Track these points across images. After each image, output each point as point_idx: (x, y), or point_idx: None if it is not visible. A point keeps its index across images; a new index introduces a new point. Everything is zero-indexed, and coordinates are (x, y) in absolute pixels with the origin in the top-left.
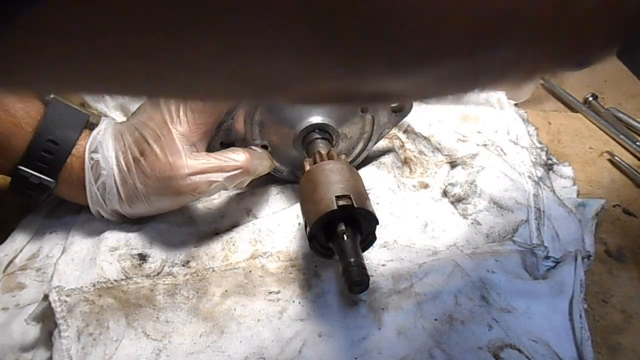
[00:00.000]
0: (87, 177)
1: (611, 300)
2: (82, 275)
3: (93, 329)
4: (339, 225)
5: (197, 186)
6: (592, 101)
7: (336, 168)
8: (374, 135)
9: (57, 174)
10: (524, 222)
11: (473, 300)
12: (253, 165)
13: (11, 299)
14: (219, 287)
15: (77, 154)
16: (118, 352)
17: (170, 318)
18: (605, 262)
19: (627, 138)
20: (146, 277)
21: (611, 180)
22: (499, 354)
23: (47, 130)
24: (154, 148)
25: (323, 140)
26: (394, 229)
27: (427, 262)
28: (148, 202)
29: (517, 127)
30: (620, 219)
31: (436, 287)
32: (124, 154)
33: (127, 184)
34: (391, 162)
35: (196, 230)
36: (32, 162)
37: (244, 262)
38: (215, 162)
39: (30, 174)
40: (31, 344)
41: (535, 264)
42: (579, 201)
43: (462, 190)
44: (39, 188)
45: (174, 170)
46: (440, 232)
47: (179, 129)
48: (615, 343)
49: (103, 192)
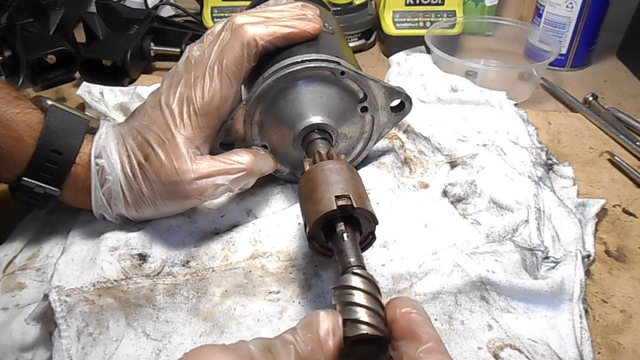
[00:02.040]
0: (93, 183)
1: (611, 300)
2: (82, 275)
3: (93, 329)
4: (338, 225)
5: (203, 190)
6: (592, 101)
7: (336, 168)
8: (373, 135)
9: (62, 183)
10: (524, 222)
11: (473, 300)
12: (257, 166)
13: (11, 299)
14: (219, 287)
15: (81, 162)
16: (118, 352)
17: (170, 318)
18: (605, 262)
19: (627, 138)
20: (146, 277)
21: (611, 180)
22: (499, 354)
23: (49, 141)
24: (159, 153)
25: (323, 140)
26: (394, 229)
27: (427, 262)
28: (154, 207)
29: (517, 127)
30: (620, 219)
31: (436, 287)
32: (128, 158)
33: (133, 189)
34: (391, 162)
35: (196, 230)
36: (36, 173)
37: (244, 262)
38: (220, 165)
39: (35, 185)
40: (31, 344)
41: (535, 264)
42: (579, 201)
43: (462, 190)
44: (43, 197)
45: (180, 175)
46: (440, 232)
47: (183, 133)
48: (615, 343)
49: (109, 197)
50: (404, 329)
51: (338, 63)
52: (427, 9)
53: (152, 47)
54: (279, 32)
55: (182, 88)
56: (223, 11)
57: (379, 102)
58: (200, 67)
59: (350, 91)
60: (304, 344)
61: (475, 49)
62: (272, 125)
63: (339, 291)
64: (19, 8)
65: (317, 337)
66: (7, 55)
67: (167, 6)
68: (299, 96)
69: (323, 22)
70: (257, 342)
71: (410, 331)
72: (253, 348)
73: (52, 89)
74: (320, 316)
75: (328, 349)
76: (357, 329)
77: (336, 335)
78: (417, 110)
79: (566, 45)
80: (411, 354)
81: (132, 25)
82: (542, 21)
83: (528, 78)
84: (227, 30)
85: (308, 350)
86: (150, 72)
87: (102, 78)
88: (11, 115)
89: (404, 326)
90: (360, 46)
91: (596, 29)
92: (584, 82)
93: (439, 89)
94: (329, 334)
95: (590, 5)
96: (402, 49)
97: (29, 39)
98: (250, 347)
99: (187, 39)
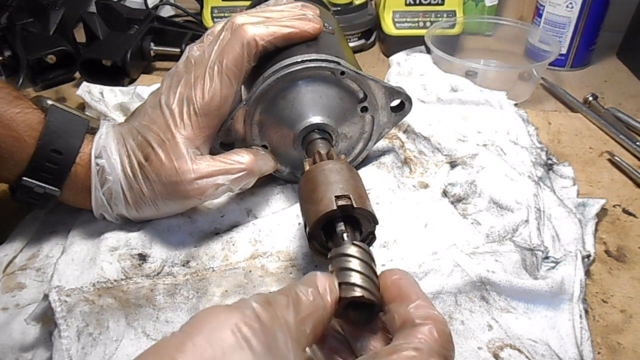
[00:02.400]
0: (94, 183)
1: (611, 300)
2: (82, 275)
3: (93, 329)
4: (338, 225)
5: (203, 190)
6: (592, 101)
7: (336, 168)
8: (373, 135)
9: (62, 183)
10: (524, 222)
11: (473, 300)
12: (258, 166)
13: (11, 299)
14: (219, 287)
15: (81, 162)
16: (118, 352)
17: (170, 318)
18: (605, 262)
19: (627, 138)
20: (146, 277)
21: (611, 180)
22: (499, 354)
23: (49, 141)
24: (159, 153)
25: (323, 140)
26: (394, 229)
27: (427, 262)
28: (155, 207)
29: (517, 127)
30: (620, 219)
31: (436, 287)
32: (128, 158)
33: (134, 189)
34: (391, 162)
35: (196, 230)
36: (36, 173)
37: (244, 262)
38: (221, 165)
39: (35, 184)
40: (31, 344)
41: (535, 264)
42: (579, 201)
43: (462, 190)
44: (43, 197)
45: (180, 175)
46: (440, 232)
47: (183, 133)
48: (615, 343)
49: (109, 197)
50: (395, 292)
51: (338, 63)
52: (427, 9)
53: (152, 47)
54: (279, 32)
55: (182, 88)
56: (223, 11)
57: (379, 102)
58: (201, 67)
59: (350, 91)
60: (304, 296)
61: (475, 49)
62: (272, 125)
63: (335, 259)
64: (19, 8)
65: (316, 291)
66: (7, 55)
67: (167, 6)
68: (299, 96)
69: (323, 22)
70: (258, 297)
71: (400, 293)
72: (255, 304)
73: (52, 89)
74: (318, 275)
75: (327, 303)
76: (352, 291)
77: (333, 292)
78: (417, 110)
79: (566, 45)
80: (402, 312)
81: (132, 25)
82: (542, 21)
83: (528, 78)
84: (227, 31)
85: (309, 300)
86: (150, 72)
87: (102, 78)
88: (11, 115)
89: (394, 291)
90: (360, 46)
91: (596, 29)
92: (584, 82)
93: (439, 89)
94: (327, 290)
95: (590, 5)
96: (402, 49)
97: (29, 39)
98: (252, 303)
99: (187, 39)
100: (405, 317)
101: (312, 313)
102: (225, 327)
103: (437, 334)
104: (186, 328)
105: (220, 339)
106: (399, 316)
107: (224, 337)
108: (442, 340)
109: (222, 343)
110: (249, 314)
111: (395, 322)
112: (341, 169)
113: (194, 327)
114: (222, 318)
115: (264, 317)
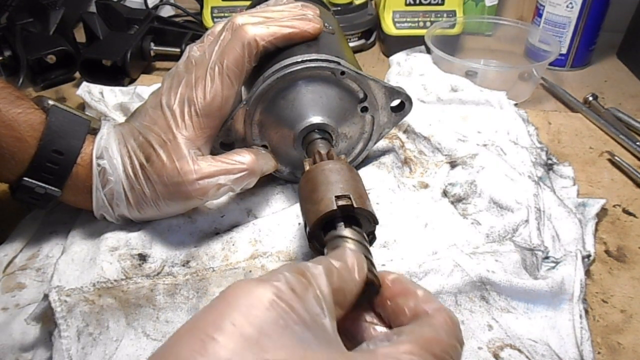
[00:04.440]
0: (95, 184)
1: (611, 300)
2: (82, 275)
3: (93, 329)
4: (338, 225)
5: (205, 190)
6: (592, 101)
7: (336, 168)
8: (373, 135)
9: (63, 183)
10: (524, 222)
11: (473, 300)
12: (259, 165)
13: (11, 299)
14: (219, 287)
15: (82, 163)
16: (118, 352)
17: (170, 318)
18: (605, 262)
19: (627, 138)
20: (146, 277)
21: (611, 180)
22: (499, 354)
23: (51, 141)
24: (160, 154)
25: (323, 140)
26: (394, 229)
27: (427, 262)
28: (157, 207)
29: (517, 127)
30: (620, 219)
31: (436, 287)
32: (129, 159)
33: (135, 190)
34: (391, 162)
35: (196, 230)
36: (37, 173)
37: (244, 262)
38: (222, 165)
39: (36, 185)
40: (31, 344)
41: (535, 264)
42: (579, 201)
43: (462, 190)
44: (44, 198)
45: (182, 176)
46: (440, 232)
47: (184, 133)
48: (615, 343)
49: (110, 198)
50: (398, 288)
51: (338, 63)
52: (427, 9)
53: (152, 47)
54: (280, 32)
55: (183, 89)
56: (223, 11)
57: (379, 102)
58: (201, 67)
59: (351, 91)
60: (336, 268)
61: (475, 49)
62: (272, 125)
63: (331, 241)
64: (19, 8)
65: (346, 265)
66: (7, 55)
67: (167, 6)
68: (299, 96)
69: (323, 22)
70: (290, 267)
71: (404, 288)
72: (287, 274)
73: (52, 89)
74: (347, 251)
75: (355, 279)
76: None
77: (362, 271)
78: (417, 110)
79: (566, 45)
80: (411, 305)
81: (132, 25)
82: (542, 21)
83: (528, 78)
84: (227, 31)
85: (341, 274)
86: (150, 72)
87: (102, 78)
88: (13, 115)
89: (397, 286)
90: (360, 46)
91: (596, 29)
92: (584, 82)
93: (439, 89)
94: (355, 267)
95: (590, 5)
96: (402, 49)
97: (29, 39)
98: (285, 274)
99: (187, 39)
100: (417, 309)
101: (344, 286)
102: (261, 303)
103: (452, 321)
104: (219, 304)
105: (258, 317)
106: (409, 309)
107: (262, 315)
108: (456, 327)
109: (260, 321)
110: (284, 288)
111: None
112: (341, 169)
113: (229, 303)
114: (257, 294)
115: (299, 289)
